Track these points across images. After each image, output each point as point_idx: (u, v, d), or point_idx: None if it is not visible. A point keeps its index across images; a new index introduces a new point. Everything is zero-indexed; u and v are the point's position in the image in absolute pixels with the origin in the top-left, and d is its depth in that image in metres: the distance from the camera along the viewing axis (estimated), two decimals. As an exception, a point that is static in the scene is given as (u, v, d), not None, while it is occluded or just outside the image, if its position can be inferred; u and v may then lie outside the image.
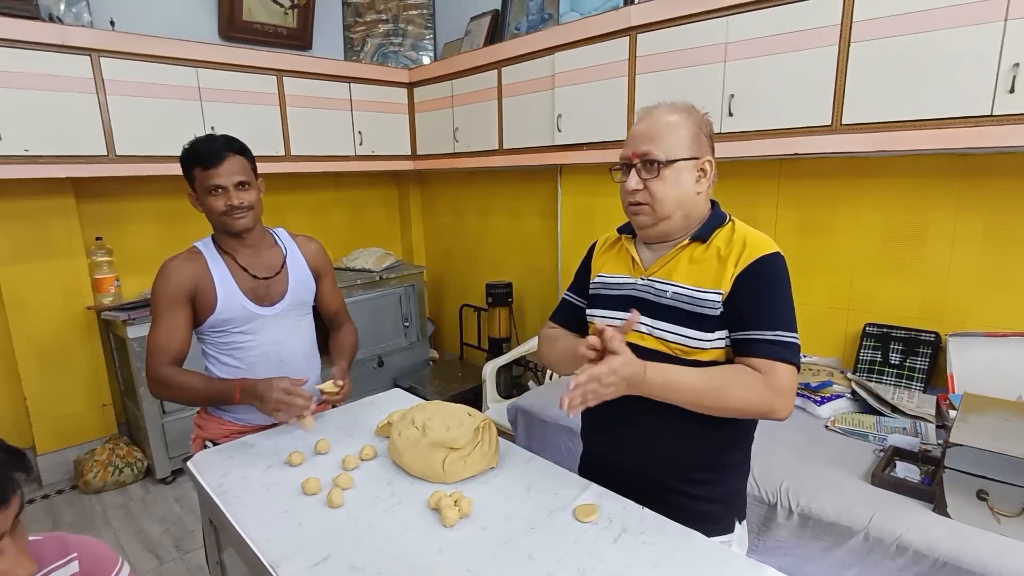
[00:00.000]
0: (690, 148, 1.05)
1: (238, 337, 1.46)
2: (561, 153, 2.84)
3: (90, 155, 2.54)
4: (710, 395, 0.97)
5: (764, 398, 0.96)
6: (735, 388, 0.97)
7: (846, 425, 1.89)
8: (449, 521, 1.03)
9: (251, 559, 1.01)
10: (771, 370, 0.97)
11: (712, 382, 0.97)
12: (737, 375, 0.98)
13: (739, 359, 1.02)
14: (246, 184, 1.42)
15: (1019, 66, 1.59)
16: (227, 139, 1.43)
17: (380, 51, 3.91)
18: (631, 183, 1.07)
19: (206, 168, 1.37)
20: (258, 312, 1.46)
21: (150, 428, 2.75)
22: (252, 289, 1.47)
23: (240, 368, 1.47)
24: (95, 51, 2.48)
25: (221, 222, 1.42)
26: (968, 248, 1.99)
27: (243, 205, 1.41)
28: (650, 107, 1.11)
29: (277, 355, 1.50)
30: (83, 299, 2.88)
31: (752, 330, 1.00)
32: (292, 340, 1.53)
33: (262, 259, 1.51)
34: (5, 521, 0.60)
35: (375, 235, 4.23)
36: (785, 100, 2.04)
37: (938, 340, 2.05)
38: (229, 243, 1.47)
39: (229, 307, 1.43)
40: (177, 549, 2.36)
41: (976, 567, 1.27)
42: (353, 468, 1.23)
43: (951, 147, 1.75)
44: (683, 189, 1.06)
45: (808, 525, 1.52)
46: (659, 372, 0.97)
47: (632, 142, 1.08)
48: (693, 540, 0.99)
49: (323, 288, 1.64)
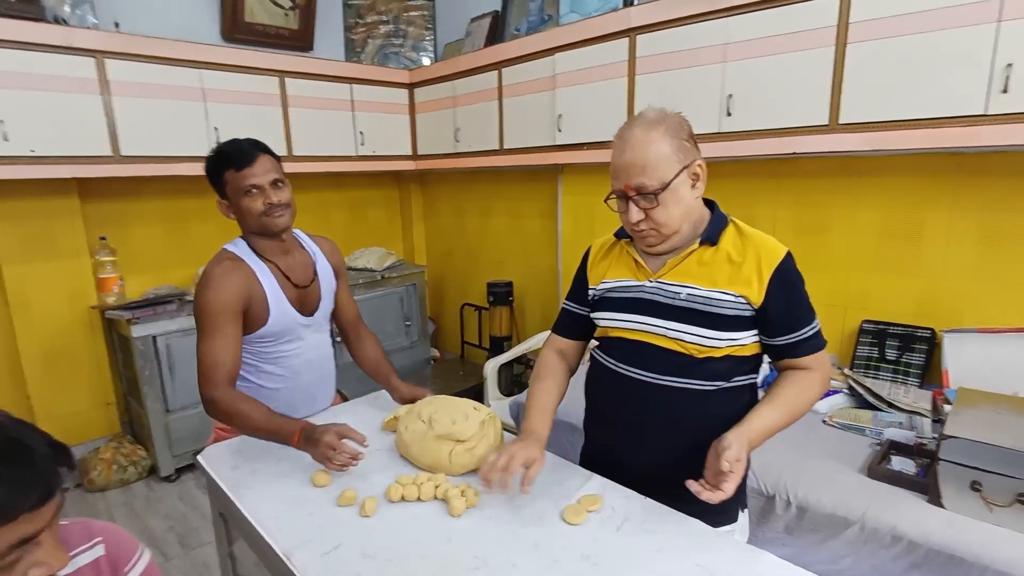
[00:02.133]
0: (679, 161, 1.04)
1: (284, 347, 1.44)
2: (562, 153, 2.87)
3: (95, 156, 2.56)
4: (793, 420, 1.08)
5: (822, 391, 1.11)
6: (805, 403, 1.09)
7: (843, 420, 1.92)
8: (456, 511, 1.06)
9: (263, 549, 1.04)
10: (819, 363, 1.10)
11: (789, 411, 1.07)
12: (799, 389, 1.09)
13: (787, 360, 1.11)
14: (281, 182, 1.38)
15: (1012, 66, 1.62)
16: (253, 140, 1.39)
17: (381, 52, 3.93)
18: (633, 216, 1.06)
19: (240, 168, 1.33)
20: (303, 322, 1.45)
21: (154, 426, 2.77)
22: (297, 299, 1.44)
23: (285, 375, 1.46)
24: (100, 52, 2.51)
25: (260, 223, 1.36)
26: (963, 246, 2.02)
27: (282, 203, 1.36)
28: (625, 132, 1.07)
29: (318, 360, 1.51)
30: (87, 299, 2.90)
31: (795, 333, 1.08)
32: (324, 346, 1.54)
33: (299, 265, 1.47)
34: (47, 514, 0.61)
35: (376, 235, 4.26)
36: (783, 100, 2.07)
37: (933, 336, 2.09)
38: (267, 248, 1.42)
39: (281, 320, 1.40)
40: (182, 546, 2.38)
41: (968, 556, 1.30)
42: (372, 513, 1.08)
43: (945, 146, 1.78)
44: (685, 203, 1.06)
45: (805, 517, 1.55)
46: (756, 434, 1.03)
47: (621, 175, 1.05)
48: (694, 528, 1.02)
49: (340, 288, 1.61)
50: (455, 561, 0.94)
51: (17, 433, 0.62)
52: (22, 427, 0.63)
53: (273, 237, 1.41)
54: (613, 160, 1.08)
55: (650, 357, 1.10)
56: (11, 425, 0.62)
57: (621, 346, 1.15)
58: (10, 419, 0.64)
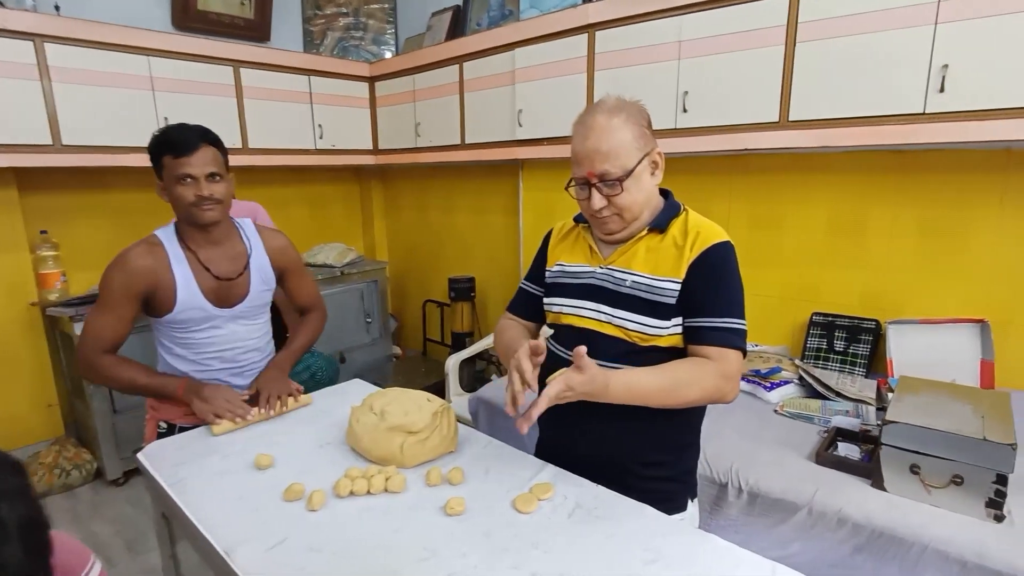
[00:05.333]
0: (640, 148, 1.04)
1: (194, 335, 1.44)
2: (522, 148, 2.87)
3: (33, 144, 2.44)
4: (671, 394, 1.01)
5: (718, 387, 1.01)
6: (692, 383, 1.01)
7: (793, 409, 1.97)
8: (397, 486, 1.09)
9: (204, 547, 1.00)
10: (721, 357, 1.02)
11: (671, 381, 1.01)
12: (692, 369, 1.02)
13: (691, 346, 1.06)
14: (217, 176, 1.38)
15: (948, 67, 1.70)
16: (203, 130, 1.39)
17: (340, 45, 3.87)
18: (596, 203, 1.05)
19: (177, 156, 1.33)
20: (217, 313, 1.44)
21: (100, 428, 2.66)
22: (213, 291, 1.43)
23: (193, 359, 1.45)
24: (38, 36, 2.39)
25: (189, 213, 1.38)
26: (905, 240, 2.10)
27: (213, 197, 1.37)
28: (586, 118, 1.06)
29: (232, 351, 1.49)
30: (26, 295, 2.77)
31: (703, 318, 1.04)
32: (247, 335, 1.52)
33: (226, 258, 1.47)
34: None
35: (337, 231, 4.18)
36: (736, 97, 2.11)
37: (878, 327, 2.16)
38: (194, 237, 1.43)
39: (188, 309, 1.40)
40: (129, 551, 2.29)
41: (908, 536, 1.35)
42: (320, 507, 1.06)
43: (886, 143, 1.85)
44: (646, 190, 1.08)
45: (756, 503, 1.59)
46: (621, 383, 0.97)
47: (585, 163, 1.04)
48: (645, 514, 1.03)
49: (290, 284, 1.62)
50: (404, 552, 0.93)
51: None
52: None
53: (202, 228, 1.42)
54: (575, 147, 1.07)
55: (597, 345, 1.10)
56: None
57: (569, 334, 1.16)
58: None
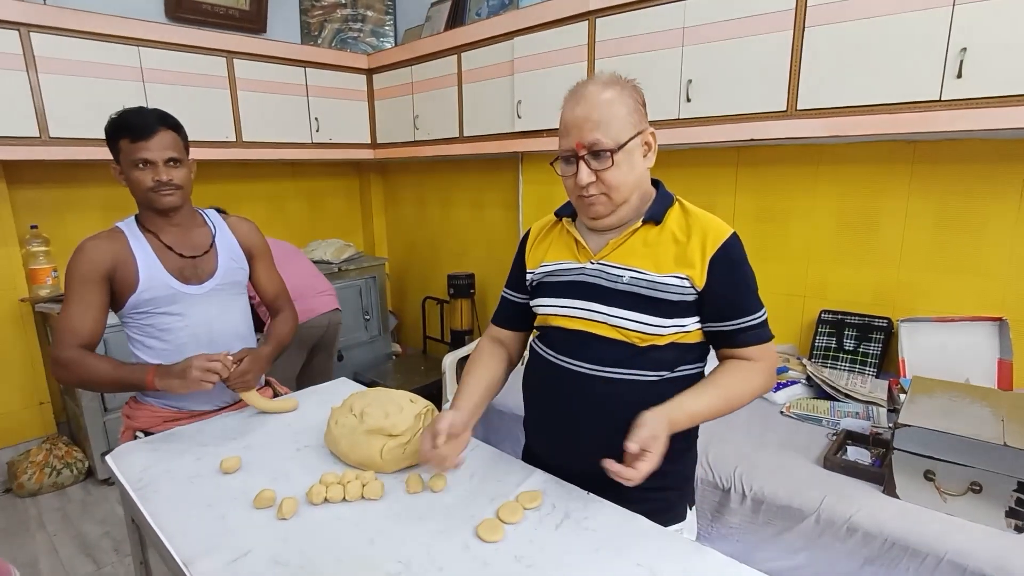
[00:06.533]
0: (634, 124, 0.98)
1: (164, 318, 1.37)
2: (521, 140, 2.79)
3: (20, 136, 2.38)
4: (728, 408, 1.00)
5: (765, 384, 1.03)
6: (744, 393, 1.01)
7: (801, 410, 1.89)
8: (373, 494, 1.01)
9: (166, 556, 0.94)
10: (762, 354, 1.02)
11: (725, 396, 0.99)
12: (739, 377, 1.01)
13: (727, 349, 1.04)
14: (176, 161, 1.34)
15: (966, 51, 1.60)
16: (161, 113, 1.35)
17: (339, 37, 3.80)
18: (583, 177, 0.97)
19: (135, 140, 1.29)
20: (185, 291, 1.38)
21: (90, 426, 2.61)
22: (178, 268, 1.38)
23: (168, 350, 1.38)
24: (24, 25, 2.33)
25: (147, 198, 1.34)
26: (918, 235, 2.01)
27: (171, 182, 1.33)
28: (579, 88, 0.99)
29: (208, 335, 1.41)
30: (16, 291, 2.72)
31: (738, 319, 1.01)
32: (224, 320, 1.45)
33: (189, 238, 1.43)
34: None
35: (335, 226, 4.12)
36: (742, 85, 2.03)
37: (890, 326, 2.07)
38: (154, 222, 1.39)
39: (152, 285, 1.34)
40: (116, 552, 2.24)
41: (922, 546, 1.27)
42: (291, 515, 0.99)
43: (901, 132, 1.76)
44: (637, 170, 1.00)
45: (760, 509, 1.51)
46: (681, 414, 0.95)
47: (574, 132, 0.97)
48: (636, 524, 0.95)
49: (258, 270, 1.56)
50: (375, 566, 0.86)
51: None
52: None
53: (161, 213, 1.38)
54: (564, 116, 1.00)
55: (590, 347, 1.02)
56: None
57: (560, 336, 1.07)
58: None
